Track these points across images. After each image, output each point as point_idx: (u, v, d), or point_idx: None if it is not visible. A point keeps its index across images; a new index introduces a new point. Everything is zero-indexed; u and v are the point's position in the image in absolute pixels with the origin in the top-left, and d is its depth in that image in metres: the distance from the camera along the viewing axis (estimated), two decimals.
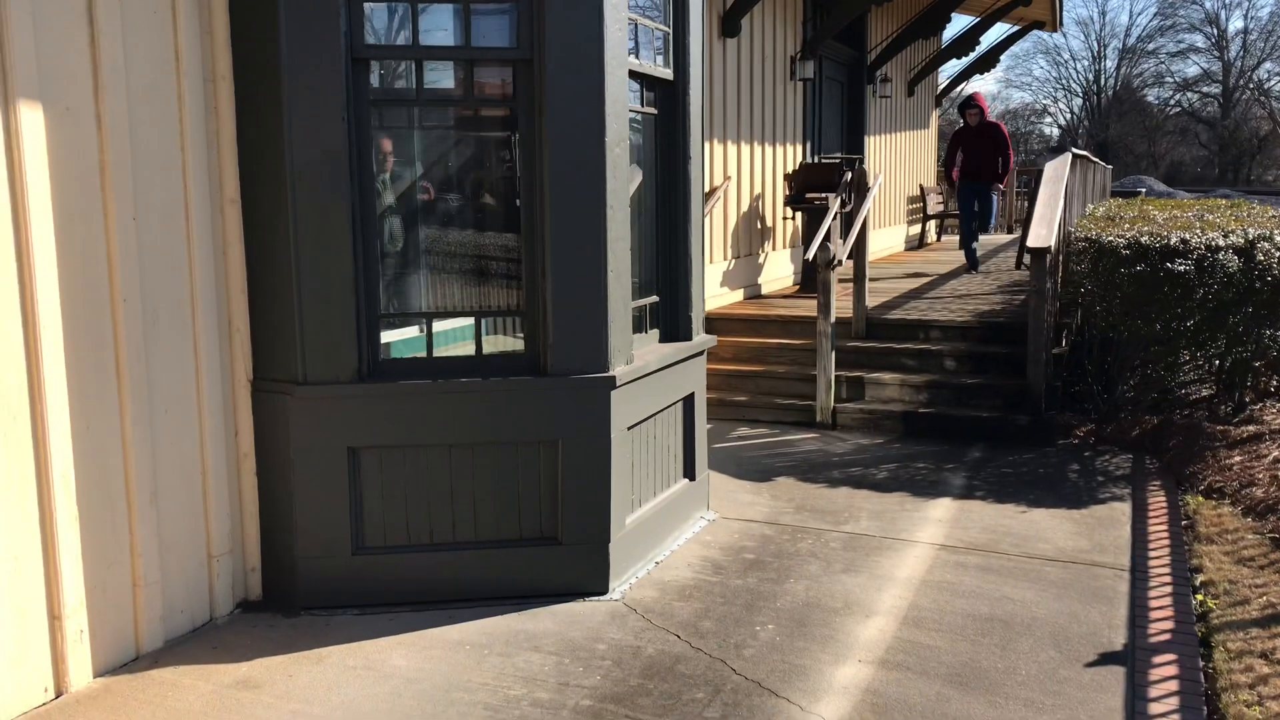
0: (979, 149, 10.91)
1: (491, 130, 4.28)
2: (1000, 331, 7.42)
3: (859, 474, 5.99)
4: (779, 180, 10.16)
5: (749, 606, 4.10)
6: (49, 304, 3.27)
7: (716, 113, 8.69)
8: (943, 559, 4.62)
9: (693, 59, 4.77)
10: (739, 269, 9.31)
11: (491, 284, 4.28)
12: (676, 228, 4.83)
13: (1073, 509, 5.32)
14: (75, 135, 3.34)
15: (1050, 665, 3.61)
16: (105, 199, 3.45)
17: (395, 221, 4.20)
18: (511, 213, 4.18)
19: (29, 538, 3.27)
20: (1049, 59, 61.37)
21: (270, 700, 3.36)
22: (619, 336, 4.19)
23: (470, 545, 4.11)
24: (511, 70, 4.04)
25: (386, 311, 4.10)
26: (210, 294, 3.87)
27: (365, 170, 3.92)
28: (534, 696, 3.38)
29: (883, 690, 3.43)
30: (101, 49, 3.39)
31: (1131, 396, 6.98)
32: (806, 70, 10.36)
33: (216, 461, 3.92)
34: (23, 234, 3.19)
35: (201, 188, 3.81)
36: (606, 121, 4.01)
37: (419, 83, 4.02)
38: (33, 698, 3.30)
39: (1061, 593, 4.24)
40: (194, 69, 3.75)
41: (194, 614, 3.88)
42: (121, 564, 3.58)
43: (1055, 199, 7.18)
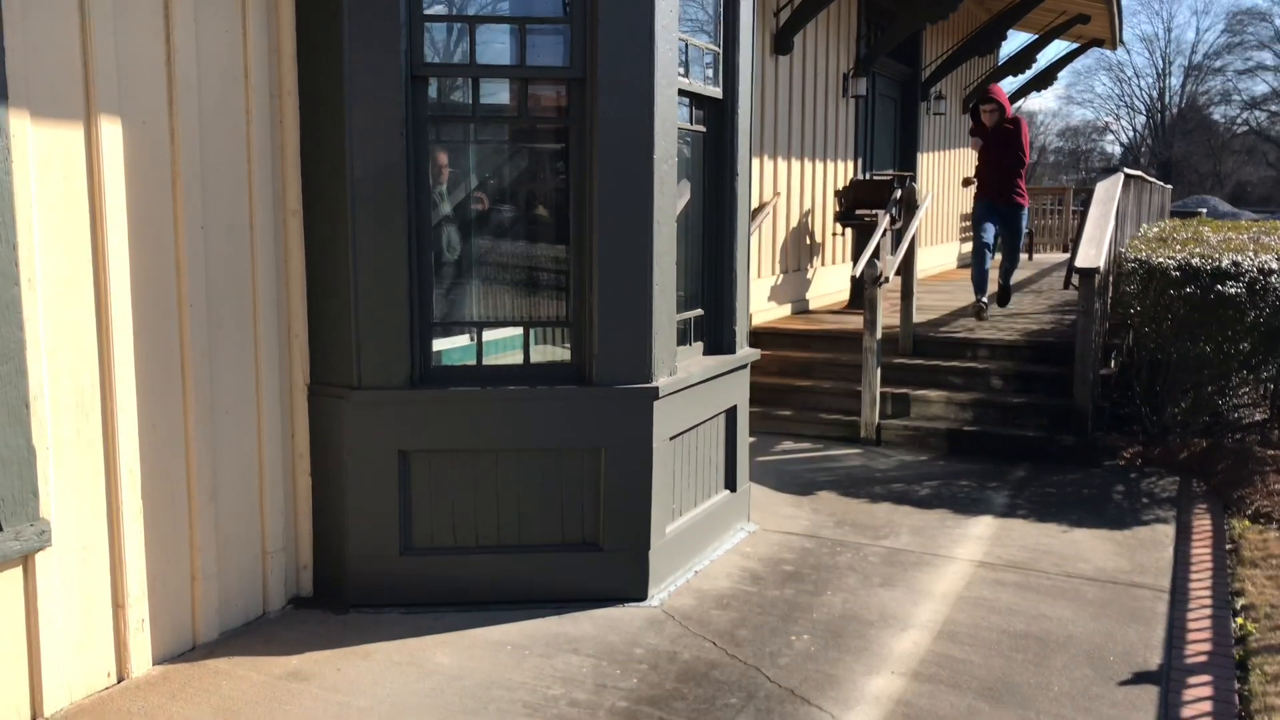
0: (1002, 157, 8.28)
1: (543, 145, 4.41)
2: (1048, 351, 7.40)
3: (901, 490, 6.02)
4: (829, 196, 10.21)
5: (785, 617, 4.17)
6: (121, 307, 3.45)
7: (768, 129, 8.78)
8: (981, 576, 4.65)
9: (742, 78, 4.87)
10: (787, 284, 9.37)
11: (540, 295, 4.41)
12: (723, 243, 4.93)
13: (1115, 530, 5.32)
14: (150, 147, 3.53)
15: (1083, 682, 3.64)
16: (176, 208, 3.63)
17: (449, 233, 4.34)
18: (561, 226, 4.30)
19: (97, 529, 3.45)
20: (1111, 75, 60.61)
21: (318, 692, 3.50)
22: (663, 348, 4.29)
23: (514, 549, 4.22)
24: (564, 88, 4.17)
25: (439, 320, 4.24)
26: (272, 301, 4.04)
27: (422, 183, 4.07)
28: (572, 697, 3.49)
29: (914, 702, 3.48)
30: (176, 66, 3.57)
31: (1181, 419, 6.92)
32: (859, 87, 10.41)
33: (273, 462, 4.09)
34: (99, 240, 3.37)
35: (266, 199, 3.98)
36: (655, 139, 4.12)
37: (475, 99, 4.16)
38: (96, 682, 3.47)
39: (1099, 612, 4.25)
40: (261, 85, 3.93)
41: (248, 608, 4.04)
42: (181, 557, 3.75)
43: (1105, 219, 7.16)
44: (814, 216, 9.93)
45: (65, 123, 3.25)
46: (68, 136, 3.26)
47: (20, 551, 3.13)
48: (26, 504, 3.16)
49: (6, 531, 3.09)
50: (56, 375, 3.28)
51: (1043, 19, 13.50)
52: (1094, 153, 51.19)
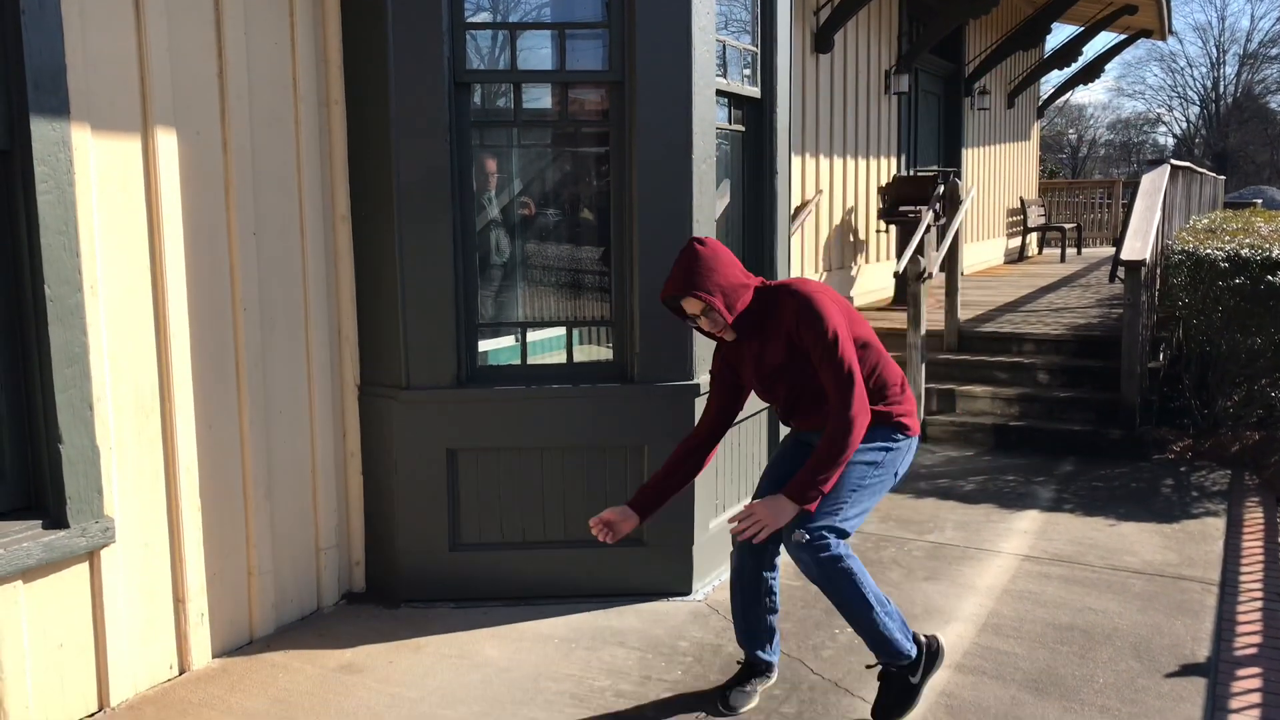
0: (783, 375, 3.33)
1: (584, 148, 4.48)
2: (1094, 345, 7.35)
3: (946, 485, 6.02)
4: (872, 193, 10.19)
5: (829, 610, 4.20)
6: (178, 311, 3.57)
7: (809, 127, 8.79)
8: (1026, 569, 4.64)
9: (780, 78, 4.91)
10: (831, 281, 9.37)
11: (582, 296, 4.48)
12: (763, 241, 4.96)
13: (1163, 523, 5.27)
14: (203, 157, 3.65)
15: (1129, 674, 3.63)
16: (229, 215, 3.75)
17: (493, 236, 4.43)
18: (602, 227, 4.37)
19: (157, 526, 3.57)
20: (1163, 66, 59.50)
21: (372, 684, 3.59)
22: (704, 347, 4.34)
23: (560, 545, 4.30)
24: (604, 91, 4.24)
25: (484, 321, 4.33)
26: (322, 304, 4.15)
27: (466, 188, 4.16)
28: (618, 688, 3.55)
29: (957, 693, 3.50)
30: (228, 78, 3.69)
31: (1232, 412, 6.83)
32: (901, 84, 10.38)
33: (325, 460, 4.20)
34: (157, 247, 3.50)
35: (315, 205, 4.10)
36: (694, 140, 4.17)
37: (517, 104, 4.24)
38: (159, 674, 3.60)
39: (1146, 605, 4.23)
40: (310, 95, 4.04)
41: (303, 603, 4.15)
42: (238, 553, 3.86)
43: (1151, 211, 7.09)
44: (857, 214, 9.92)
45: (123, 135, 3.38)
46: (126, 148, 3.39)
47: (86, 548, 3.26)
48: (92, 502, 3.29)
49: (73, 528, 3.22)
50: (118, 378, 3.41)
51: (1088, 10, 13.35)
52: (1146, 145, 50.33)
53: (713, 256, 3.09)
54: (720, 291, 3.04)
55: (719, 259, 3.10)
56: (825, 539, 3.08)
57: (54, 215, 3.13)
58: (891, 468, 3.24)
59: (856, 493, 3.15)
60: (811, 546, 3.07)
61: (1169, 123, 51.17)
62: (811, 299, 3.08)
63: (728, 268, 3.09)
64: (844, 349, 3.04)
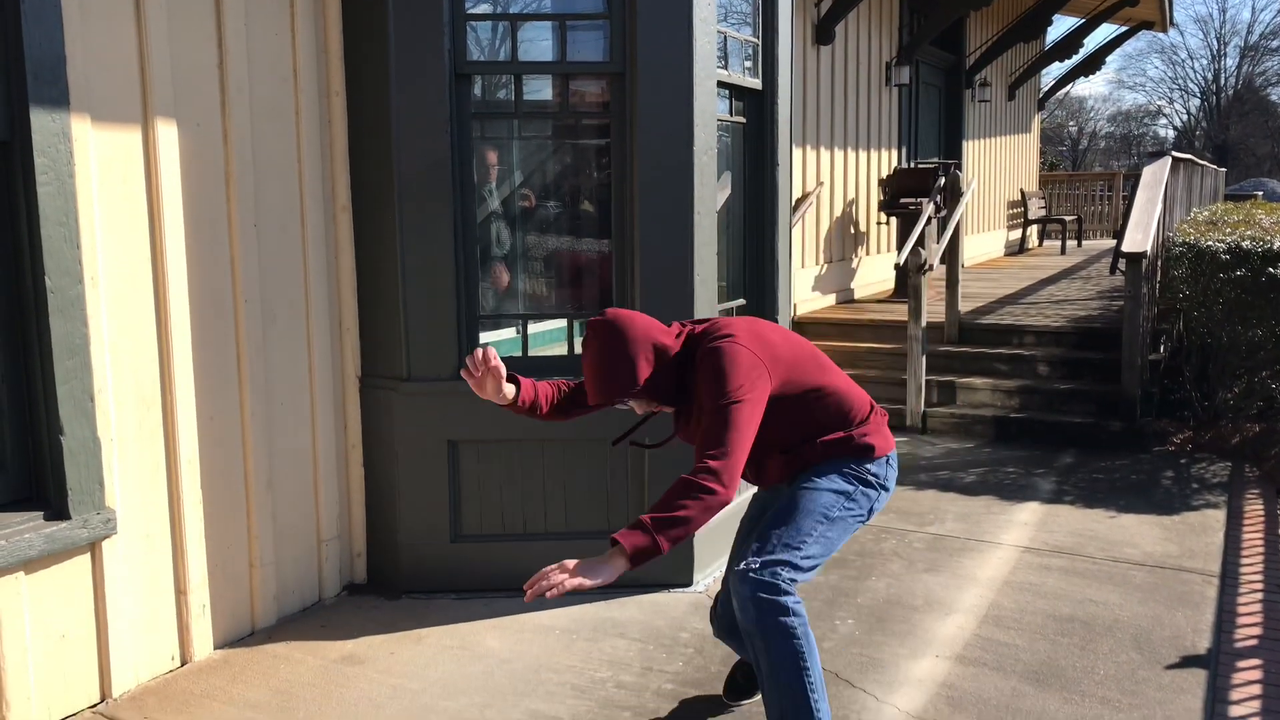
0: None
1: (585, 139, 4.47)
2: (1095, 337, 7.34)
3: (946, 477, 6.02)
4: (873, 185, 10.18)
5: (829, 602, 4.20)
6: (179, 303, 3.57)
7: (809, 119, 8.78)
8: (1026, 561, 4.65)
9: (781, 69, 4.90)
10: (831, 274, 9.37)
11: (584, 288, 4.48)
12: (764, 233, 4.96)
13: (1164, 515, 5.28)
14: (204, 148, 3.64)
15: (1130, 666, 3.64)
16: (229, 207, 3.75)
17: (494, 227, 4.43)
18: (603, 219, 4.37)
19: (159, 517, 3.57)
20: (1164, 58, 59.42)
21: (373, 675, 3.60)
22: None
23: (561, 536, 4.30)
24: (604, 83, 4.23)
25: (485, 313, 4.33)
26: (323, 296, 4.15)
27: (467, 179, 4.15)
28: (619, 679, 3.55)
29: (958, 684, 3.51)
30: (228, 69, 3.68)
31: (1233, 404, 6.83)
32: (902, 76, 10.36)
33: (326, 452, 4.20)
34: (157, 238, 3.50)
35: (316, 196, 4.09)
36: (695, 131, 4.17)
37: (518, 95, 4.24)
38: (161, 665, 3.60)
39: (1146, 597, 4.24)
40: (310, 85, 4.04)
41: (304, 594, 4.15)
42: (239, 545, 3.87)
43: (1152, 203, 7.08)
44: (858, 206, 9.91)
45: (124, 126, 3.37)
46: (126, 139, 3.38)
47: (88, 539, 3.27)
48: (93, 493, 3.29)
49: (75, 520, 3.22)
50: (119, 370, 3.41)
51: (1089, 2, 13.33)
52: (1146, 137, 50.25)
53: (623, 338, 2.63)
54: (645, 380, 2.64)
55: (631, 336, 2.63)
56: (777, 576, 2.61)
57: (54, 207, 3.13)
58: (866, 503, 2.83)
59: (824, 525, 2.71)
60: (757, 581, 2.61)
61: (1169, 115, 51.11)
62: (724, 361, 2.58)
63: (642, 342, 2.64)
64: (737, 423, 2.50)
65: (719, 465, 2.46)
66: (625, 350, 2.63)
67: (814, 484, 2.79)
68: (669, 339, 2.71)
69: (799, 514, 2.71)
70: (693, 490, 2.42)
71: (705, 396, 2.58)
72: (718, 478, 2.45)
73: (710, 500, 2.42)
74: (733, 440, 2.48)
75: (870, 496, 2.85)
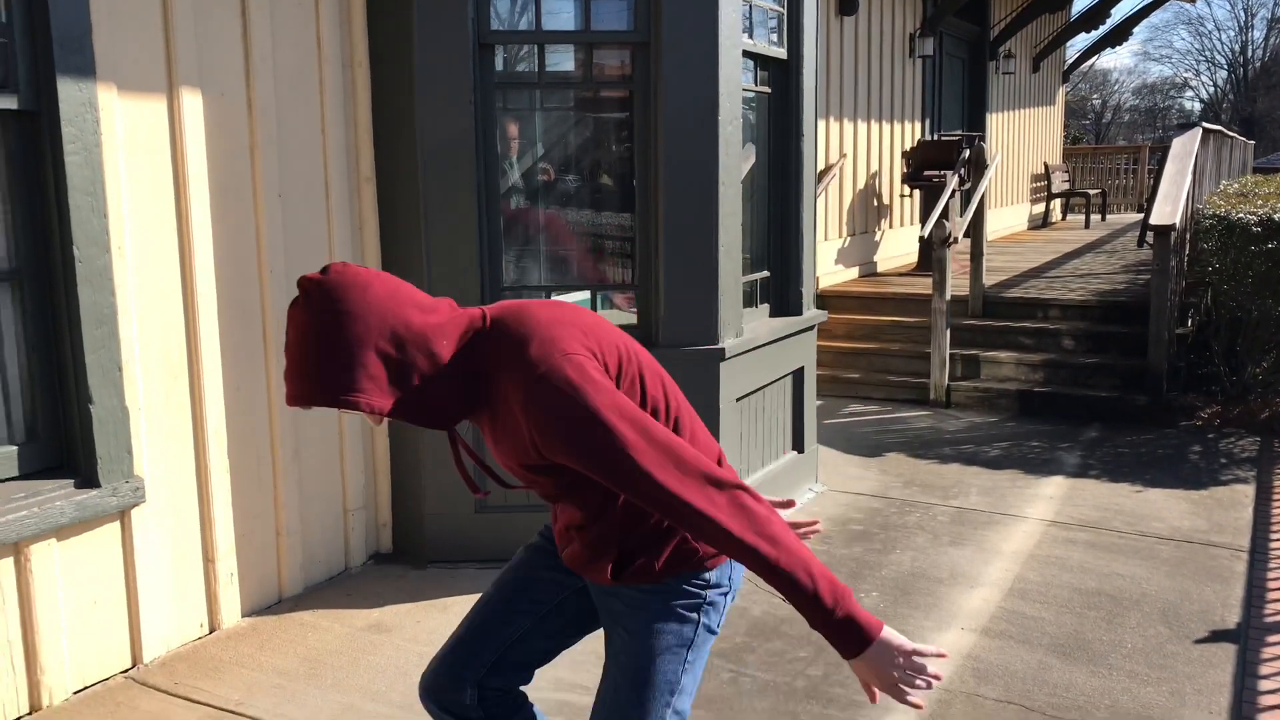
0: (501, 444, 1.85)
1: (609, 111, 4.44)
2: (1121, 311, 7.28)
3: (971, 451, 5.99)
4: (896, 158, 10.09)
5: (854, 575, 4.20)
6: (205, 273, 3.58)
7: (833, 90, 8.70)
8: (1052, 535, 4.62)
9: (806, 38, 4.84)
10: (854, 247, 9.31)
11: (607, 259, 4.46)
12: (789, 204, 4.92)
13: (1191, 490, 5.24)
14: (228, 118, 3.64)
15: (1157, 640, 3.62)
16: (254, 177, 3.74)
17: (517, 198, 4.41)
18: (627, 190, 4.34)
19: (186, 486, 3.59)
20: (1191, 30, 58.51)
21: (399, 643, 3.62)
22: (729, 310, 4.32)
23: None
24: (628, 52, 4.19)
25: (508, 285, 4.32)
26: None
27: (490, 150, 4.13)
28: None
29: (984, 657, 3.50)
30: (252, 39, 3.67)
31: (1262, 379, 6.76)
32: (926, 47, 10.24)
33: (352, 429, 4.21)
34: (183, 209, 3.50)
35: (340, 167, 4.08)
36: (719, 101, 4.13)
37: (541, 66, 4.21)
38: (190, 632, 3.64)
39: (1174, 571, 4.21)
40: (334, 56, 4.02)
41: (330, 563, 4.18)
42: (266, 514, 3.89)
43: (1182, 175, 6.99)
44: (881, 178, 9.83)
45: (149, 96, 3.37)
46: (152, 109, 3.38)
47: (117, 507, 3.29)
48: (122, 462, 3.31)
49: (104, 488, 3.24)
50: (146, 339, 3.42)
51: None
52: (1172, 110, 49.62)
53: (341, 319, 1.62)
54: (368, 394, 1.64)
55: (353, 320, 1.62)
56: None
57: (82, 176, 3.13)
58: (707, 635, 1.94)
59: (673, 697, 1.91)
60: None
61: (1196, 87, 50.41)
62: (554, 386, 1.63)
63: (374, 331, 1.63)
64: (643, 461, 1.62)
65: (714, 509, 1.63)
66: (340, 340, 1.62)
67: (637, 637, 1.89)
68: (437, 338, 1.69)
69: (630, 706, 1.90)
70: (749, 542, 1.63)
71: (559, 452, 1.66)
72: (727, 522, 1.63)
73: (754, 521, 1.64)
74: (676, 490, 1.62)
75: (713, 621, 1.94)
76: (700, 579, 1.91)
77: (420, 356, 1.68)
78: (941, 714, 3.14)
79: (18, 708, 3.12)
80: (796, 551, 1.63)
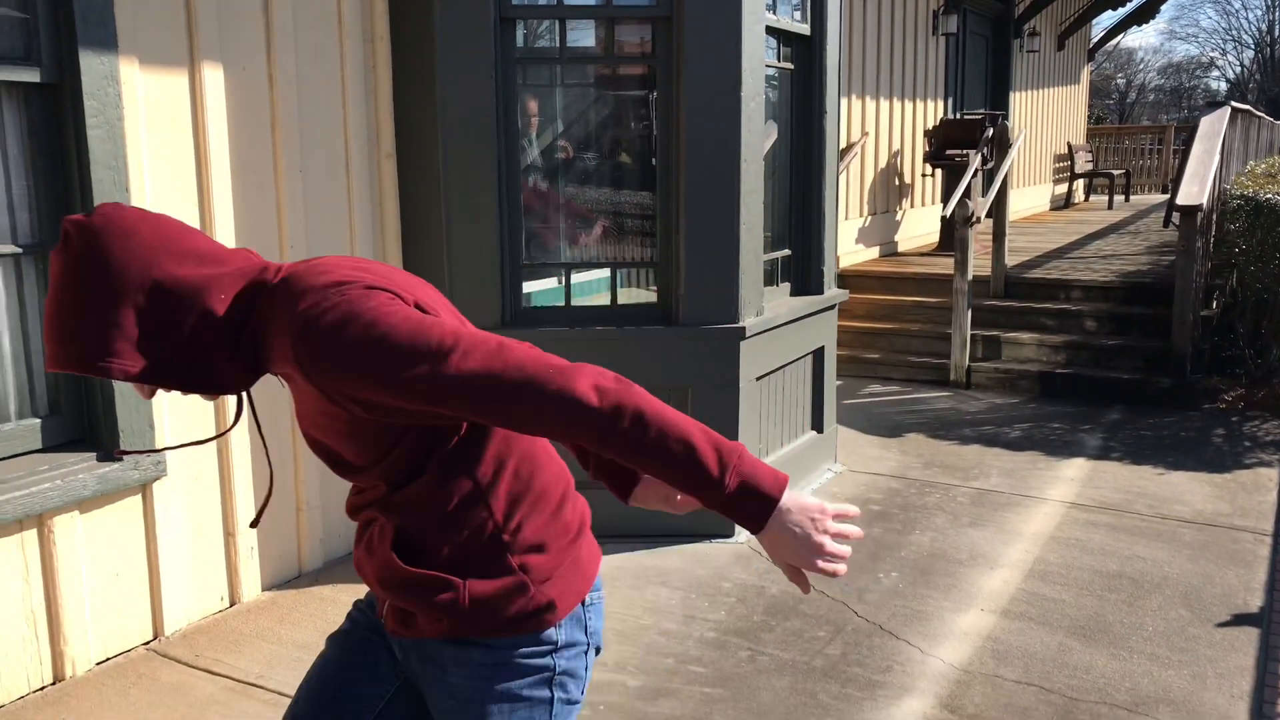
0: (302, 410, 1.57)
1: (630, 87, 4.41)
2: (1145, 292, 7.20)
3: (991, 432, 5.96)
4: (919, 136, 10.00)
5: (873, 555, 4.19)
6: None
7: (855, 68, 8.62)
8: (1073, 516, 4.60)
9: (830, 14, 4.79)
10: (875, 226, 9.24)
11: (627, 236, 4.44)
12: (811, 182, 4.89)
13: (1214, 473, 5.19)
14: (249, 93, 3.63)
15: (1179, 623, 3.59)
16: (275, 152, 3.73)
17: (537, 175, 4.39)
18: (647, 167, 4.32)
19: (207, 461, 3.61)
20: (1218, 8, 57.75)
21: None
22: (750, 289, 4.29)
23: (597, 484, 4.29)
24: (650, 27, 4.15)
25: (528, 262, 4.30)
26: (368, 243, 4.14)
27: (511, 126, 4.11)
28: (661, 626, 3.56)
29: (1004, 638, 3.48)
30: (273, 13, 3.65)
31: None
32: (949, 25, 10.12)
33: None
34: (205, 183, 3.50)
35: (360, 142, 4.07)
36: (742, 77, 4.09)
37: (562, 41, 4.18)
38: (211, 605, 3.66)
39: (1196, 554, 4.18)
40: (355, 31, 4.00)
41: (350, 539, 4.19)
42: (286, 489, 3.90)
43: (1209, 155, 6.90)
44: (903, 157, 9.75)
45: (171, 69, 3.36)
46: (173, 83, 3.37)
47: (139, 480, 3.30)
48: (144, 435, 3.32)
49: (126, 461, 3.26)
50: None
51: None
52: (1197, 90, 48.98)
53: (101, 268, 1.37)
54: (121, 359, 1.39)
55: (115, 268, 1.38)
56: None
57: (104, 150, 3.13)
58: (568, 710, 1.60)
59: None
60: None
61: (1222, 67, 49.75)
62: (331, 305, 1.36)
63: (134, 282, 1.39)
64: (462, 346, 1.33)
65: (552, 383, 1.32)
66: (93, 295, 1.38)
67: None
68: (212, 292, 1.43)
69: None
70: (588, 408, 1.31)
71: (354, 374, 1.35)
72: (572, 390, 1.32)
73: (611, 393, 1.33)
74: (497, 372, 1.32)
75: (572, 690, 1.60)
76: (543, 643, 1.54)
77: (187, 313, 1.41)
78: (961, 695, 3.13)
79: (41, 677, 3.15)
80: (670, 415, 1.34)
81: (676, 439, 1.32)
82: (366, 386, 1.35)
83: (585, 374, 1.33)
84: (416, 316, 1.36)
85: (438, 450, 1.49)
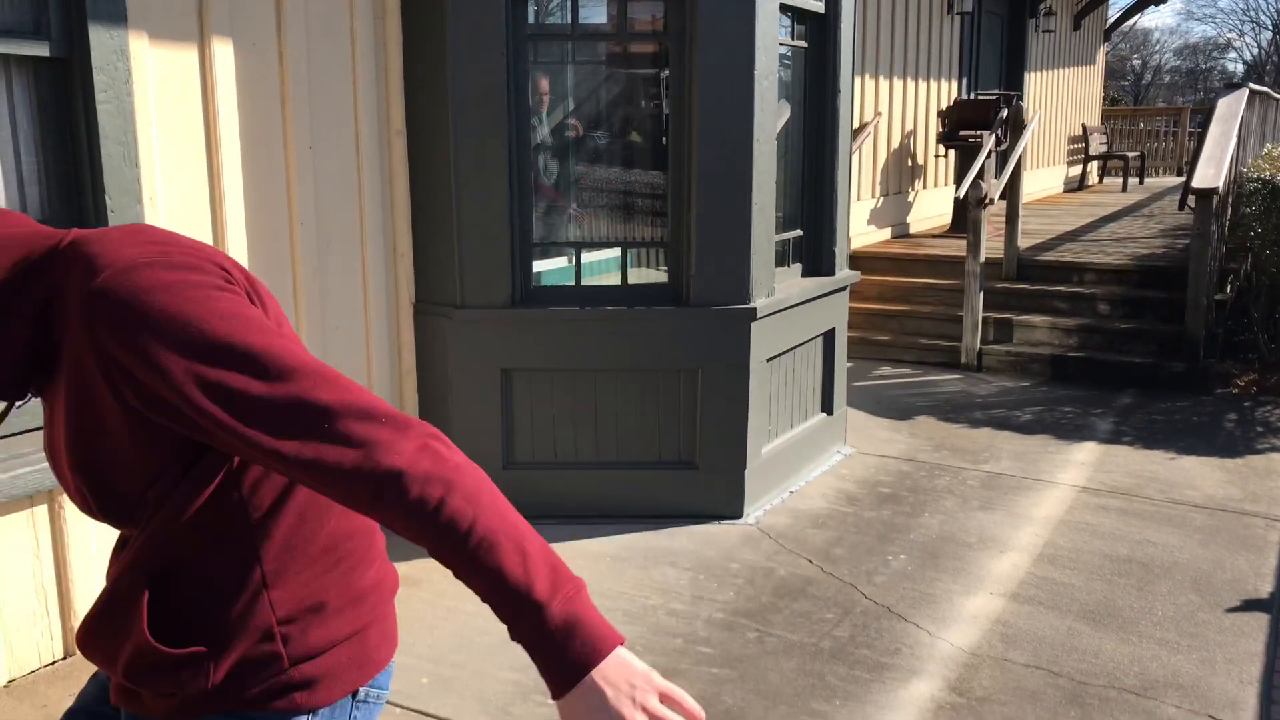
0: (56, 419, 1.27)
1: (642, 66, 4.38)
2: (1158, 276, 7.15)
3: (1002, 415, 5.94)
4: (932, 117, 9.93)
5: (882, 537, 4.18)
6: (236, 225, 3.57)
7: (869, 47, 8.55)
8: (1083, 501, 4.58)
9: None
10: (887, 207, 9.19)
11: (638, 216, 4.42)
12: (823, 162, 4.85)
13: (1226, 458, 5.17)
14: (260, 69, 3.61)
15: (1189, 608, 3.58)
16: (285, 129, 3.72)
17: (548, 154, 4.37)
18: (659, 146, 4.29)
19: None
20: None
21: (428, 597, 3.64)
22: (761, 269, 4.27)
23: (612, 465, 4.30)
24: (663, 4, 4.12)
25: (538, 241, 4.29)
26: (378, 221, 4.13)
27: (522, 104, 4.09)
28: (670, 607, 3.57)
29: (1013, 621, 3.48)
30: None
31: None
32: (964, 4, 10.02)
33: (381, 377, 4.21)
34: (214, 159, 3.48)
35: (371, 120, 4.05)
36: (756, 55, 4.06)
37: (574, 18, 4.14)
38: None
39: (1207, 539, 4.16)
40: (365, 6, 3.97)
41: None
42: None
43: (1226, 137, 6.83)
44: (916, 138, 9.68)
45: (180, 45, 3.34)
46: (183, 59, 3.35)
47: None
48: None
49: None
50: None
51: None
52: (1214, 71, 48.53)
53: None
54: None
55: None
56: None
57: (113, 125, 3.12)
58: None
59: None
60: None
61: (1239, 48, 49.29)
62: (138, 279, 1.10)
63: None
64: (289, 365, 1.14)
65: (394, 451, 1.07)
66: None
67: None
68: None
69: None
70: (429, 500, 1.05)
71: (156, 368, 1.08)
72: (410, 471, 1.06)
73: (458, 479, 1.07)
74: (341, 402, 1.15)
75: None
76: None
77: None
78: (969, 678, 3.13)
79: (52, 652, 3.17)
80: (506, 515, 1.07)
81: (514, 544, 1.05)
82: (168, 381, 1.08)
83: (422, 443, 1.08)
84: (239, 308, 1.13)
85: (209, 469, 1.19)
